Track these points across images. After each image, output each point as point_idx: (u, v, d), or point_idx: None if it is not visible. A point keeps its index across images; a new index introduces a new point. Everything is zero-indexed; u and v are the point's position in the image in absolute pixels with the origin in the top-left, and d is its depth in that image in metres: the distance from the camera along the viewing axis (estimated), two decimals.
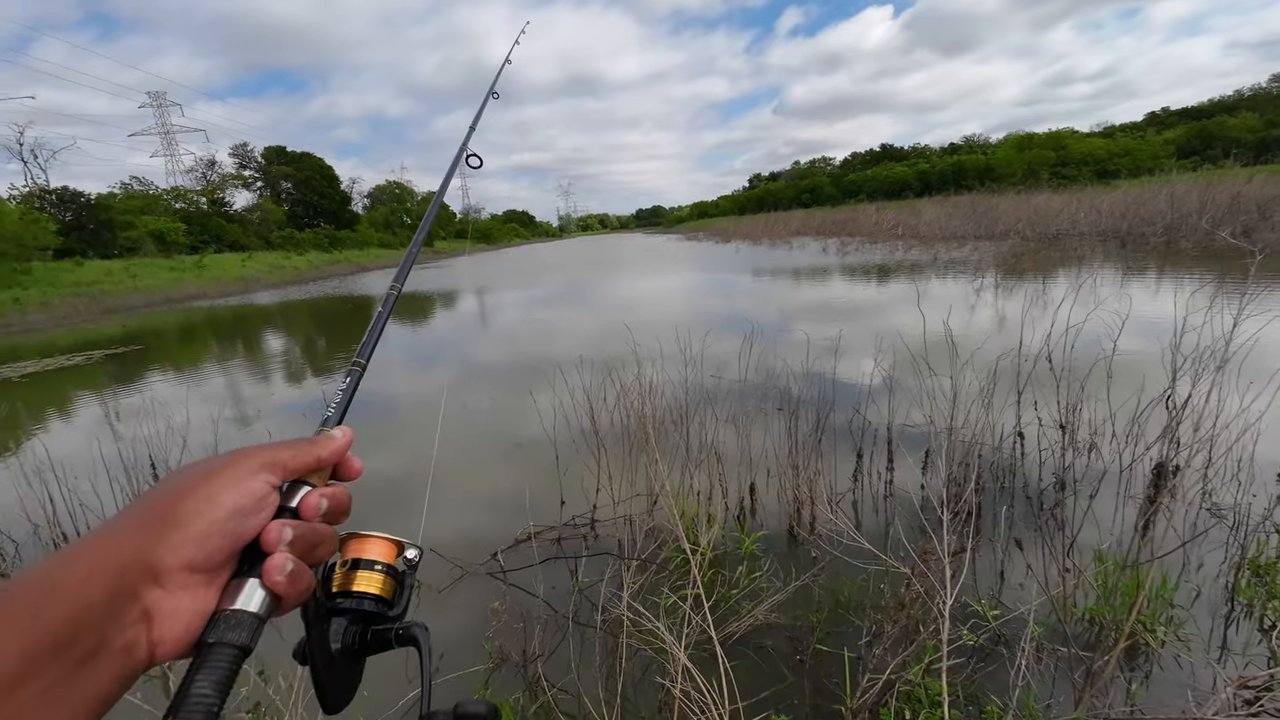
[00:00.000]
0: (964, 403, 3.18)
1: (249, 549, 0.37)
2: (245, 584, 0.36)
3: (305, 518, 0.40)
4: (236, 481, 0.36)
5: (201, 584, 0.35)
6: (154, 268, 30.84)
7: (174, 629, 0.33)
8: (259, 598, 0.36)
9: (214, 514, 0.35)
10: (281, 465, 0.39)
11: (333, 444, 0.44)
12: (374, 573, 0.43)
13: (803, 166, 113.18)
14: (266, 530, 0.37)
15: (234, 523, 0.35)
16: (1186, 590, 2.40)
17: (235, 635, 0.34)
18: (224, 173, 55.43)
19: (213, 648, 0.34)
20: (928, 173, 70.66)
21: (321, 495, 0.41)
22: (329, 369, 8.78)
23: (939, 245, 19.20)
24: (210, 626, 0.34)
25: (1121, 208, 17.90)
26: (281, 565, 0.36)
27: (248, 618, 0.35)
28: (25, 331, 17.81)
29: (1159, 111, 73.53)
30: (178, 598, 0.33)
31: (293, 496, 0.40)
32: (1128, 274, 10.51)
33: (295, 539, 0.37)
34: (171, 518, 0.34)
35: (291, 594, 0.37)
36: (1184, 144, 52.92)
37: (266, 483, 0.38)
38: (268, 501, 0.38)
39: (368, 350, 0.56)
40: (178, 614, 0.33)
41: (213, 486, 0.36)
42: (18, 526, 3.49)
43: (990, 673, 2.08)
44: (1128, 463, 3.04)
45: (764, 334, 6.68)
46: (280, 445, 0.40)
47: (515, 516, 3.32)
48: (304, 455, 0.41)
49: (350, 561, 0.43)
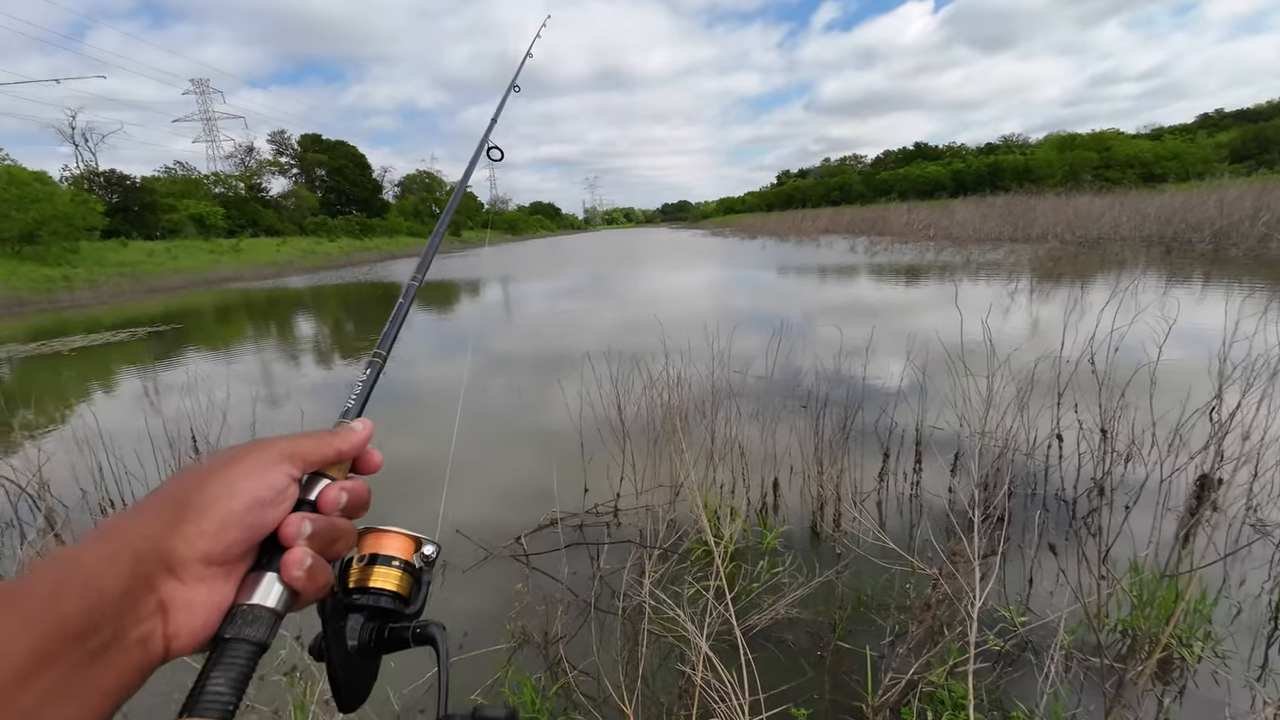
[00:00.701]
0: (999, 406, 3.11)
1: (267, 542, 0.36)
2: (263, 578, 0.35)
3: (324, 511, 0.39)
4: (256, 472, 0.36)
5: (219, 576, 0.34)
6: (193, 250, 31.86)
7: (190, 622, 0.32)
8: (277, 592, 0.35)
9: (232, 505, 0.34)
10: (301, 457, 0.38)
11: (353, 437, 0.43)
12: (391, 569, 0.42)
13: (833, 164, 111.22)
14: (285, 523, 0.36)
15: (252, 515, 0.35)
16: (1226, 607, 2.32)
17: (252, 631, 0.33)
18: (261, 159, 56.94)
19: (229, 643, 0.33)
20: (962, 172, 68.82)
21: (341, 489, 0.40)
22: (356, 352, 8.98)
23: (972, 247, 18.73)
24: (227, 621, 0.34)
25: (1168, 212, 17.23)
26: (300, 560, 0.36)
27: (265, 613, 0.34)
28: (74, 307, 18.58)
29: (1212, 113, 70.34)
30: (194, 590, 0.33)
31: (312, 489, 0.39)
32: (1172, 280, 10.12)
33: (314, 533, 0.37)
34: (189, 508, 0.33)
35: (309, 589, 0.36)
36: (1238, 147, 50.49)
37: (286, 474, 0.37)
38: (287, 494, 0.37)
39: (389, 341, 0.55)
40: (194, 607, 0.33)
41: (231, 476, 0.35)
42: (68, 491, 3.66)
43: (1016, 679, 2.05)
44: (1169, 473, 2.94)
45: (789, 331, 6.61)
46: (300, 436, 0.39)
47: (539, 502, 3.36)
48: (324, 447, 0.40)
49: (368, 557, 0.43)
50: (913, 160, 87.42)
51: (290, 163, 59.14)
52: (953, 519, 2.69)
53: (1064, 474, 3.33)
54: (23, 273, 21.17)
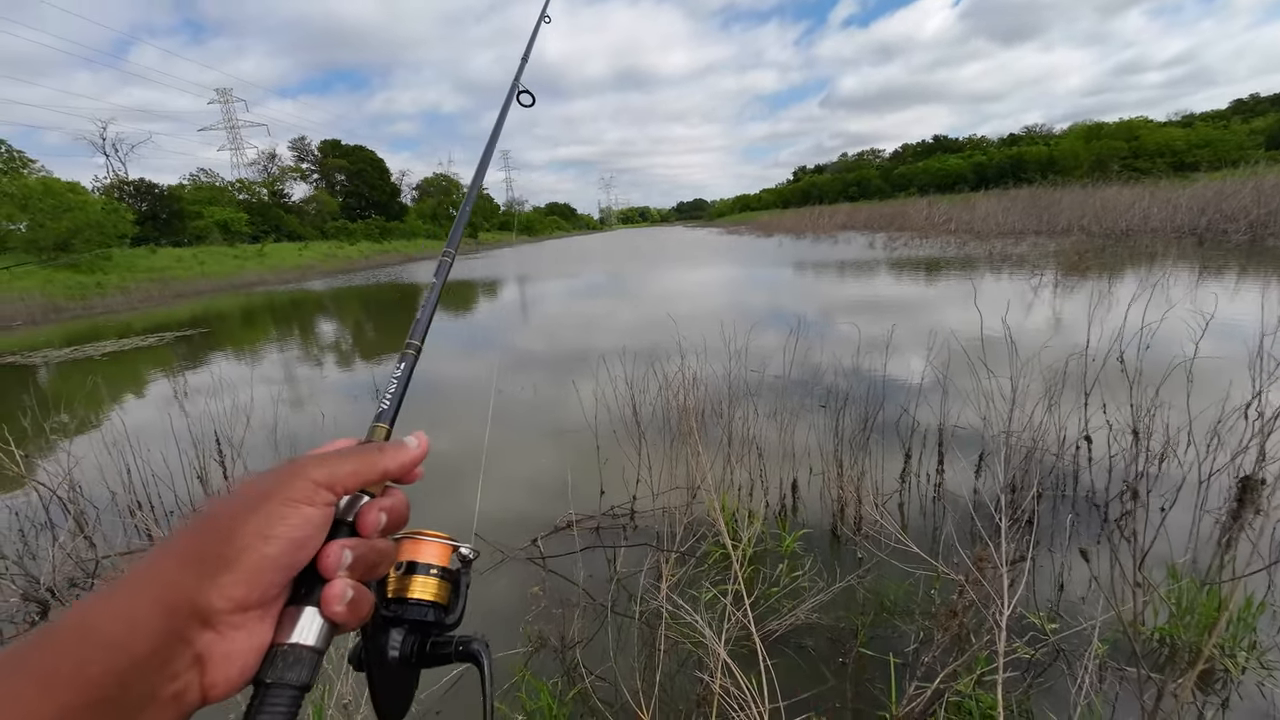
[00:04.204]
0: (1024, 405, 3.02)
1: (305, 571, 0.34)
2: (302, 613, 0.33)
3: (363, 534, 0.36)
4: (289, 511, 0.33)
5: (256, 620, 0.32)
6: (219, 255, 32.64)
7: (228, 671, 0.31)
8: (317, 628, 0.33)
9: (266, 550, 0.32)
10: (341, 484, 0.36)
11: (404, 455, 0.39)
12: (430, 577, 0.41)
13: (850, 159, 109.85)
14: (324, 555, 0.34)
15: (288, 556, 0.33)
16: (1271, 614, 2.22)
17: (294, 674, 0.32)
18: (283, 165, 58.07)
19: (270, 689, 0.32)
20: (984, 165, 67.43)
21: (380, 509, 0.37)
22: (377, 353, 9.09)
23: (995, 241, 18.32)
24: (267, 663, 0.32)
25: (1201, 202, 16.65)
26: (341, 594, 0.34)
27: (306, 653, 0.33)
28: (106, 313, 19.15)
29: (1246, 98, 67.90)
30: (231, 639, 0.31)
31: (349, 509, 0.37)
32: (1205, 273, 9.78)
33: (355, 561, 0.35)
34: (219, 558, 0.31)
35: (352, 621, 0.35)
36: (1275, 133, 48.67)
37: (324, 504, 0.34)
38: (326, 524, 0.35)
39: (421, 330, 0.51)
40: (232, 656, 0.31)
41: (265, 519, 0.32)
42: (98, 492, 3.75)
43: (1047, 689, 1.98)
44: (1207, 474, 2.83)
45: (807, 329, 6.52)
46: (338, 458, 0.36)
47: (555, 503, 3.36)
48: (367, 471, 0.37)
49: (405, 565, 0.41)
50: (932, 154, 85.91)
51: (311, 168, 60.28)
52: (978, 523, 2.62)
53: (1094, 476, 3.22)
54: (58, 280, 21.89)
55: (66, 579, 3.04)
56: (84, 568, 3.09)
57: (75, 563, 3.08)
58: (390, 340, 10.63)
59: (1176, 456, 3.12)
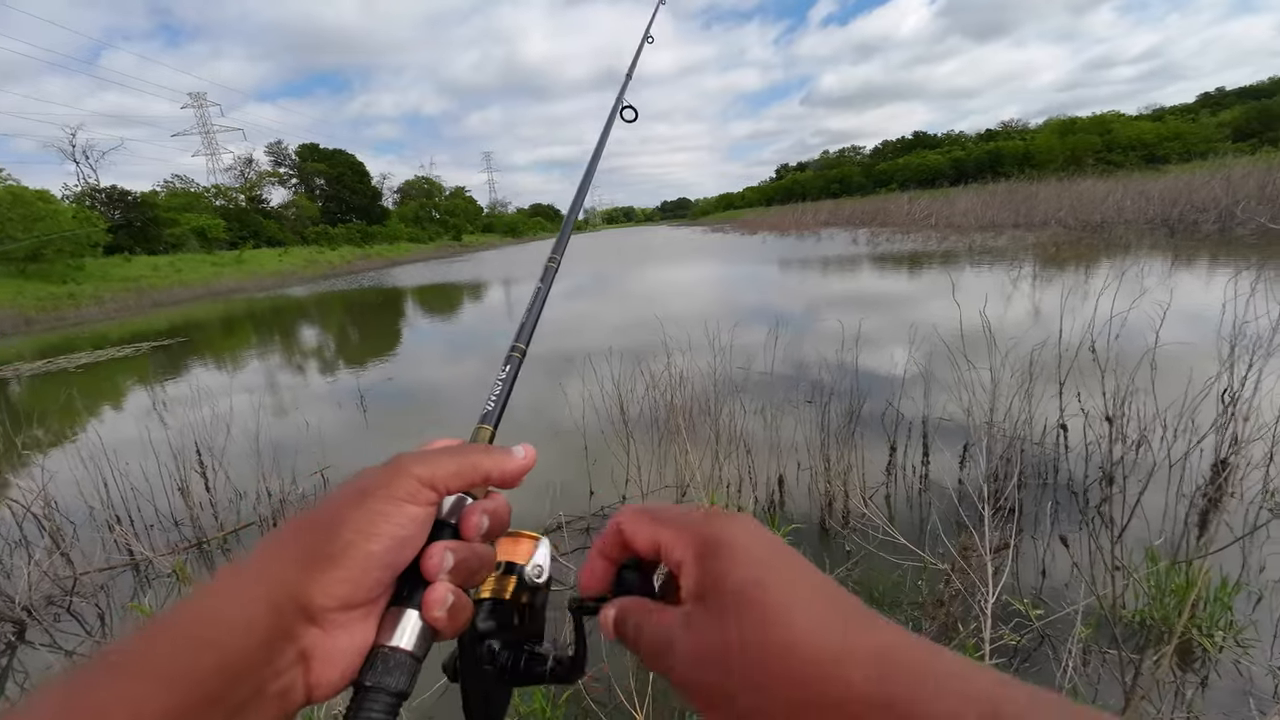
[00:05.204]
0: (1004, 395, 3.07)
1: (409, 571, 0.34)
2: (404, 615, 0.33)
3: (466, 538, 0.36)
4: (392, 509, 0.33)
5: (360, 619, 0.32)
6: (196, 263, 32.06)
7: (330, 672, 0.31)
8: (417, 631, 0.33)
9: (370, 548, 0.32)
10: (443, 483, 0.35)
11: (509, 463, 0.38)
12: (519, 578, 0.40)
13: (832, 156, 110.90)
14: (427, 556, 0.34)
15: (391, 555, 0.32)
16: (1249, 595, 2.28)
17: (392, 680, 0.32)
18: (260, 170, 57.14)
19: (369, 693, 0.31)
20: (963, 160, 68.44)
21: (483, 512, 0.36)
22: (362, 359, 8.98)
23: (974, 234, 18.61)
24: (368, 666, 0.32)
25: (1172, 194, 17.06)
26: (443, 599, 0.33)
27: (405, 658, 0.32)
28: (79, 324, 18.71)
29: (1213, 92, 69.70)
30: (335, 637, 0.31)
31: (453, 512, 0.37)
32: (1177, 262, 10.02)
33: (456, 565, 0.34)
34: (324, 556, 0.31)
35: (450, 629, 0.34)
36: (1241, 125, 49.96)
37: (427, 502, 0.34)
38: (429, 523, 0.35)
39: (527, 334, 0.53)
40: (334, 655, 0.31)
41: (368, 516, 0.32)
42: (75, 507, 3.67)
43: (1033, 674, 2.02)
44: (1179, 456, 2.90)
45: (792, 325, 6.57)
46: (441, 456, 0.36)
47: (544, 505, 3.34)
48: (470, 473, 0.36)
49: (504, 565, 0.40)
50: (912, 150, 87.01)
51: (289, 173, 59.37)
52: (962, 513, 2.66)
53: (1073, 464, 3.29)
54: (29, 291, 21.35)
55: (44, 597, 2.97)
56: (61, 585, 3.02)
57: (52, 580, 3.01)
58: (375, 346, 10.52)
59: (1150, 442, 3.19)
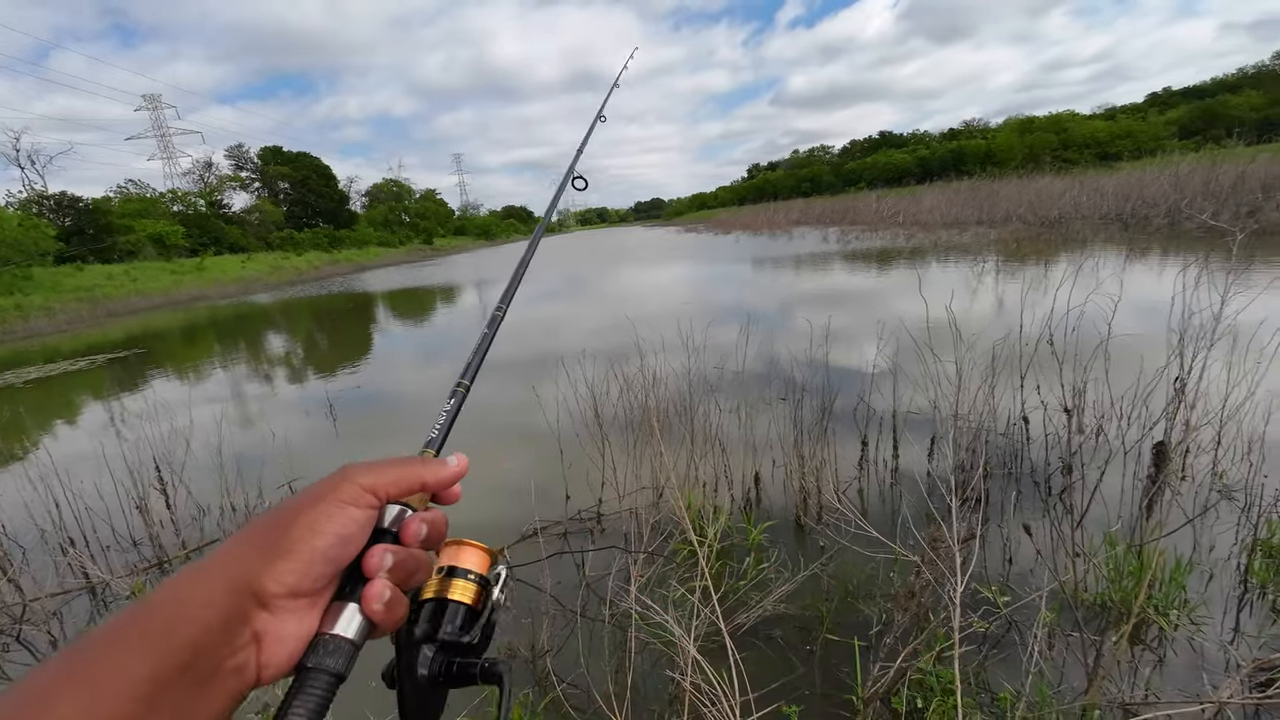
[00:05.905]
0: (969, 388, 3.15)
1: (351, 568, 0.38)
2: (345, 608, 0.37)
3: (405, 543, 0.40)
4: (338, 509, 0.37)
5: (305, 608, 0.36)
6: (154, 271, 30.88)
7: (279, 653, 0.35)
8: (357, 623, 0.37)
9: (316, 543, 0.36)
10: (385, 490, 0.40)
11: (443, 472, 0.43)
12: (469, 582, 0.43)
13: (802, 155, 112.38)
14: (369, 555, 0.38)
15: (335, 550, 0.36)
16: (1200, 574, 2.38)
17: (332, 662, 0.35)
18: (221, 174, 55.36)
19: (310, 673, 0.35)
20: (928, 159, 70.09)
21: (422, 521, 0.41)
22: (330, 366, 8.77)
23: (940, 231, 19.08)
24: (310, 650, 0.35)
25: (1125, 190, 17.75)
26: (380, 593, 0.37)
27: (345, 644, 0.36)
28: (29, 337, 17.85)
29: (1160, 92, 72.75)
30: (283, 621, 0.35)
31: (395, 521, 0.40)
32: (1130, 256, 10.43)
33: (395, 565, 0.38)
34: (277, 546, 0.35)
35: (387, 622, 0.38)
36: (1186, 124, 52.32)
37: (369, 506, 0.39)
38: (368, 525, 0.39)
39: (472, 372, 0.58)
40: (283, 637, 0.35)
41: (316, 516, 0.36)
42: (24, 529, 3.49)
43: (1002, 660, 2.07)
44: (1133, 443, 3.01)
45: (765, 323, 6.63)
46: (385, 466, 0.40)
47: (520, 511, 3.30)
48: (409, 480, 0.41)
49: (447, 569, 0.43)
50: (879, 149, 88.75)
51: (252, 177, 57.65)
52: (931, 504, 2.72)
53: (1035, 453, 3.39)
54: None
55: None
56: (10, 613, 2.87)
57: (1, 608, 2.86)
58: (344, 352, 10.28)
59: (1106, 431, 3.31)
